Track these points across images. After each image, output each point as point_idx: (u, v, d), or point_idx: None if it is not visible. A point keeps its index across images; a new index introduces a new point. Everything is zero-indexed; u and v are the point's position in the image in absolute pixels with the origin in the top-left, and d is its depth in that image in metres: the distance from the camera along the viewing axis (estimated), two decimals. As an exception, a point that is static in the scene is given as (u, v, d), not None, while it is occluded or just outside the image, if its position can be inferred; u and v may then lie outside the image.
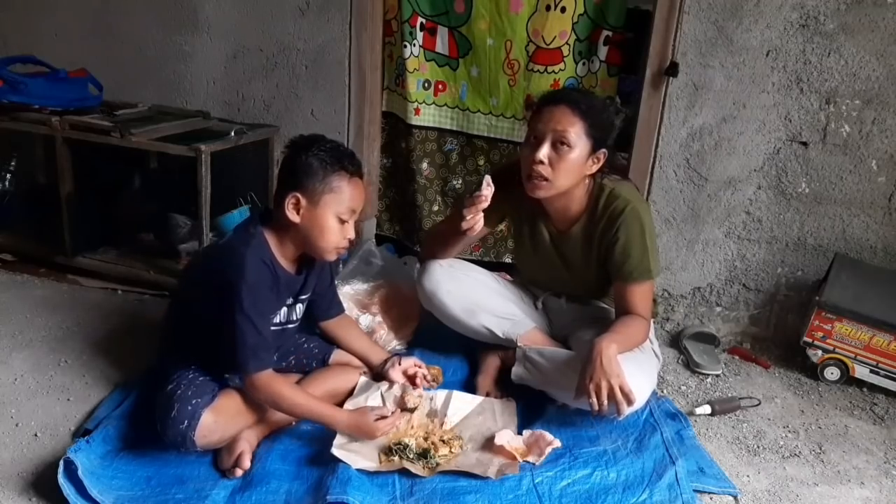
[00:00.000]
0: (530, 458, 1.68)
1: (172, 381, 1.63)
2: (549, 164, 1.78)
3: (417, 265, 2.22)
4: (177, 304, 1.88)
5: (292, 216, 1.66)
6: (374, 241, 2.79)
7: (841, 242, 2.37)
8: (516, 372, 1.93)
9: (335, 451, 1.60)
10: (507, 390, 1.98)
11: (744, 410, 2.03)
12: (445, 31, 2.61)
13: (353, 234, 1.73)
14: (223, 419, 1.61)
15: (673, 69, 2.29)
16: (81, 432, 1.73)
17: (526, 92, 2.58)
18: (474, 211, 1.78)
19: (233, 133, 2.51)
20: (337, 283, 2.20)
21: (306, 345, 1.95)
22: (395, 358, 1.94)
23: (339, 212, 1.68)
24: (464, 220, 1.79)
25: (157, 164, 2.89)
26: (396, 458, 1.64)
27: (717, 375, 2.23)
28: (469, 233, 1.84)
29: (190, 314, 1.74)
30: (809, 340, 2.23)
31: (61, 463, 1.51)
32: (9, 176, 2.91)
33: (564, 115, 1.77)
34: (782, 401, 2.12)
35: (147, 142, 2.42)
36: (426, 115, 2.72)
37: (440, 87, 2.69)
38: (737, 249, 2.46)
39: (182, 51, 2.82)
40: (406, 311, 2.26)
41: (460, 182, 2.79)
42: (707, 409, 1.99)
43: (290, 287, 1.77)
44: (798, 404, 2.12)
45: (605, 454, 1.74)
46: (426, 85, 2.68)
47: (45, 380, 1.96)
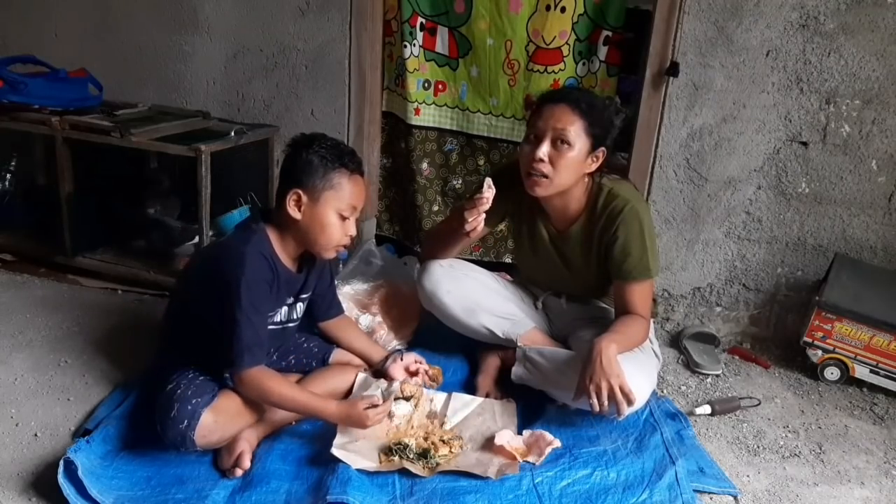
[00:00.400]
0: (530, 458, 1.68)
1: (172, 380, 1.63)
2: (549, 161, 1.78)
3: (417, 265, 2.22)
4: (176, 303, 1.88)
5: (293, 213, 1.67)
6: (374, 241, 2.79)
7: (841, 242, 2.37)
8: (516, 372, 1.94)
9: (335, 451, 1.59)
10: (507, 390, 1.99)
11: (744, 410, 2.03)
12: (445, 31, 2.61)
13: (354, 232, 1.73)
14: (223, 419, 1.60)
15: (673, 69, 2.29)
16: (81, 432, 1.73)
17: (525, 92, 2.58)
18: (475, 213, 1.79)
19: (233, 133, 2.51)
20: (337, 283, 2.20)
21: (306, 344, 1.95)
22: (395, 354, 1.95)
23: (340, 209, 1.68)
24: (465, 222, 1.80)
25: (157, 164, 2.90)
26: (396, 458, 1.63)
27: (717, 375, 2.23)
28: (470, 234, 1.85)
29: (189, 314, 1.75)
30: (809, 340, 2.23)
31: (61, 463, 1.51)
32: (9, 176, 2.91)
33: (564, 113, 1.77)
34: (782, 401, 2.12)
35: (147, 142, 2.42)
36: (426, 115, 2.72)
37: (440, 87, 2.69)
38: (737, 249, 2.46)
39: (182, 51, 2.82)
40: (406, 311, 2.26)
41: (460, 182, 2.79)
42: (707, 409, 1.99)
43: (290, 285, 1.77)
44: (798, 404, 2.12)
45: (605, 454, 1.74)
46: (426, 85, 2.68)
47: (45, 380, 1.96)
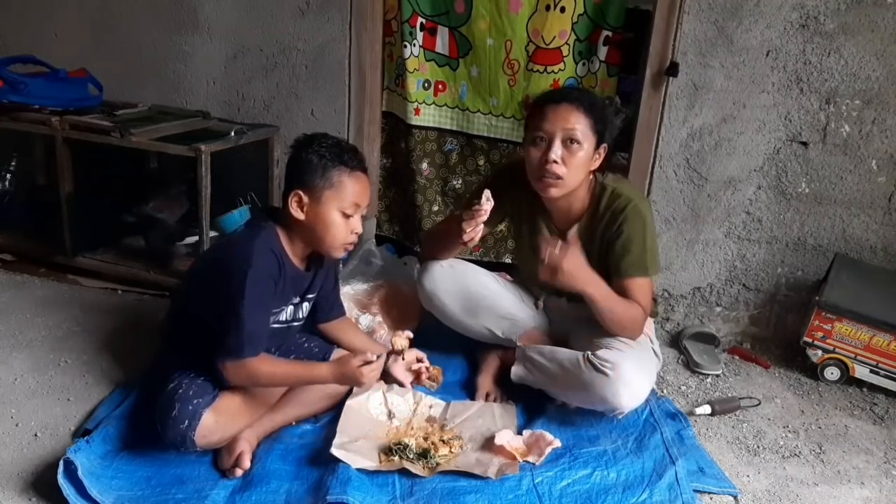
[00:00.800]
0: (530, 458, 1.68)
1: (173, 380, 1.63)
2: (562, 162, 1.79)
3: (417, 265, 2.22)
4: (178, 303, 1.88)
5: (297, 213, 1.67)
6: (374, 241, 2.79)
7: (841, 242, 2.37)
8: (516, 371, 1.94)
9: (335, 451, 1.59)
10: (507, 390, 1.99)
11: (744, 410, 2.03)
12: (446, 31, 2.61)
13: (360, 229, 1.73)
14: (224, 419, 1.61)
15: (673, 69, 2.29)
16: (81, 432, 1.73)
17: (525, 92, 2.58)
18: (473, 224, 1.79)
19: (233, 133, 2.51)
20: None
21: (307, 344, 1.95)
22: (395, 354, 1.94)
23: (343, 207, 1.68)
24: (463, 232, 1.80)
25: (157, 164, 2.90)
26: (396, 458, 1.64)
27: (717, 375, 2.23)
28: (470, 244, 1.85)
29: (191, 314, 1.74)
30: (809, 340, 2.23)
31: (61, 463, 1.51)
32: (9, 176, 2.91)
33: (571, 112, 1.78)
34: (782, 401, 2.12)
35: (147, 142, 2.42)
36: (426, 116, 2.72)
37: (440, 87, 2.69)
38: (737, 249, 2.46)
39: (182, 51, 2.82)
40: (406, 311, 2.26)
41: (460, 182, 2.79)
42: (707, 409, 1.99)
43: (296, 284, 1.77)
44: (798, 404, 2.12)
45: (605, 454, 1.74)
46: (426, 85, 2.68)
47: (45, 380, 1.96)
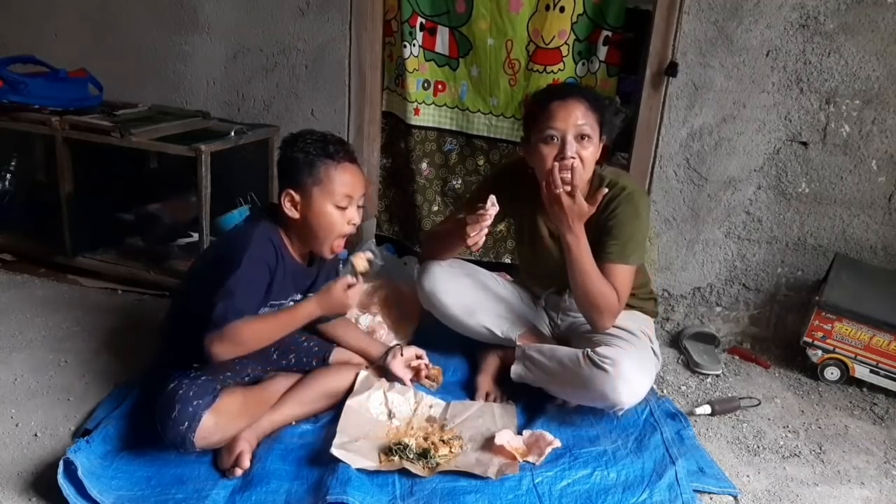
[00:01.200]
0: (530, 458, 1.68)
1: (173, 381, 1.63)
2: (578, 157, 1.79)
3: (417, 265, 2.22)
4: (178, 303, 1.88)
5: (291, 213, 1.68)
6: (374, 240, 2.79)
7: (841, 242, 2.37)
8: (516, 370, 1.94)
9: (335, 451, 1.59)
10: (507, 389, 1.99)
11: (744, 410, 2.03)
12: (446, 30, 2.61)
13: (357, 220, 1.72)
14: (224, 420, 1.60)
15: (673, 69, 2.29)
16: (81, 432, 1.73)
17: (525, 91, 2.58)
18: (477, 228, 1.79)
19: (233, 133, 2.51)
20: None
21: (306, 343, 1.95)
22: (395, 349, 1.95)
23: (334, 201, 1.67)
24: (467, 236, 1.79)
25: (157, 164, 2.90)
26: (396, 458, 1.63)
27: (717, 375, 2.23)
28: (474, 248, 1.84)
29: (191, 314, 1.74)
30: (809, 340, 2.23)
31: (61, 463, 1.51)
32: (9, 176, 2.91)
33: (579, 108, 1.78)
34: (782, 401, 2.12)
35: (147, 142, 2.42)
36: (426, 116, 2.72)
37: (440, 87, 2.69)
38: (737, 249, 2.46)
39: (182, 51, 2.82)
40: (406, 311, 2.26)
41: (460, 182, 2.79)
42: (707, 409, 1.99)
43: (297, 279, 1.77)
44: (798, 404, 2.12)
45: (605, 454, 1.74)
46: (426, 85, 2.68)
47: (45, 380, 1.96)
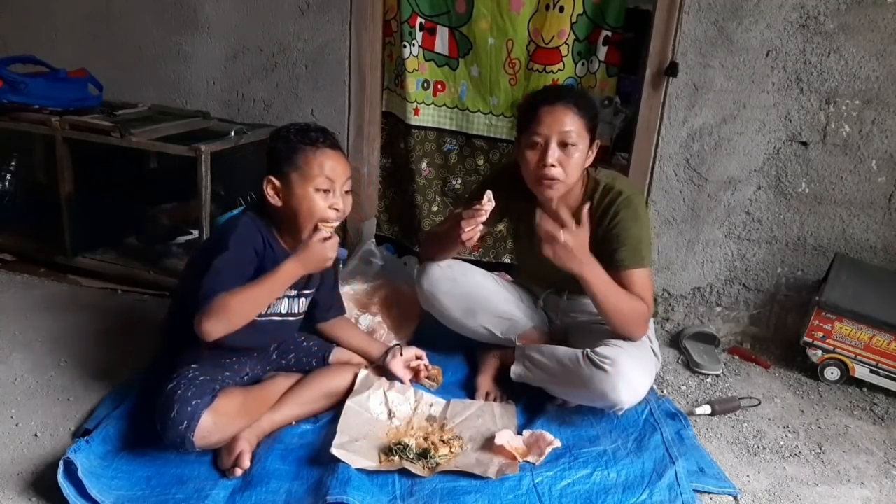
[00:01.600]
0: (530, 458, 1.68)
1: (172, 380, 1.63)
2: (560, 164, 1.79)
3: (417, 265, 2.22)
4: (177, 302, 1.88)
5: (274, 200, 1.69)
6: (374, 240, 2.79)
7: (841, 242, 2.37)
8: (516, 370, 1.94)
9: (335, 451, 1.59)
10: (507, 390, 1.99)
11: (744, 410, 2.03)
12: (445, 30, 2.61)
13: (342, 206, 1.71)
14: (223, 420, 1.60)
15: (673, 69, 2.29)
16: (81, 432, 1.73)
17: (526, 91, 2.58)
18: (473, 223, 1.80)
19: (233, 133, 2.51)
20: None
21: (306, 343, 1.95)
22: (395, 348, 1.95)
23: (315, 184, 1.67)
24: (461, 231, 1.80)
25: (157, 164, 2.90)
26: (396, 458, 1.63)
27: (717, 375, 2.23)
28: (468, 243, 1.85)
29: (190, 312, 1.74)
30: (809, 340, 2.23)
31: (61, 463, 1.51)
32: (9, 176, 2.91)
33: (566, 115, 1.79)
34: (782, 401, 2.12)
35: (147, 142, 2.42)
36: (425, 116, 2.72)
37: (439, 87, 2.69)
38: (737, 249, 2.46)
39: (182, 51, 2.82)
40: (406, 311, 2.26)
41: (459, 182, 2.79)
42: (707, 409, 1.99)
43: None
44: (798, 404, 2.12)
45: (605, 454, 1.74)
46: (425, 85, 2.68)
47: (45, 380, 1.96)
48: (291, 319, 1.85)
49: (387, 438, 1.72)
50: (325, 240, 1.66)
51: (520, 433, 1.78)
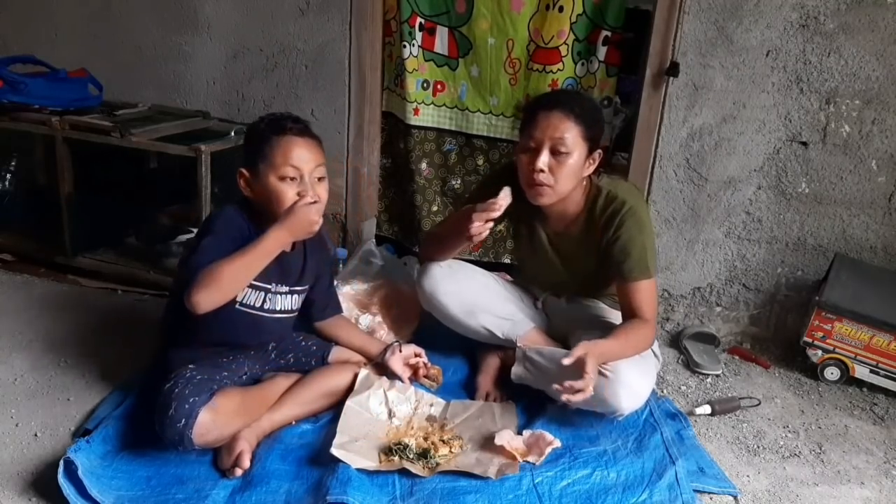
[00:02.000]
0: (530, 458, 1.68)
1: (171, 379, 1.63)
2: (550, 171, 1.78)
3: (417, 265, 2.22)
4: (173, 301, 1.88)
5: (246, 192, 1.71)
6: (374, 240, 2.79)
7: (841, 242, 2.37)
8: (516, 372, 1.94)
9: (335, 451, 1.59)
10: (507, 390, 1.99)
11: (744, 410, 2.03)
12: (445, 30, 2.61)
13: (310, 192, 1.67)
14: (221, 418, 1.60)
15: (674, 69, 2.29)
16: (81, 432, 1.73)
17: (526, 91, 2.58)
18: (485, 218, 1.78)
19: (233, 133, 2.51)
20: (337, 283, 2.21)
21: (305, 343, 1.95)
22: (395, 345, 1.95)
23: (281, 172, 1.65)
24: (471, 224, 1.78)
25: (157, 164, 2.90)
26: (396, 458, 1.63)
27: (717, 375, 2.23)
28: (475, 239, 1.83)
29: (185, 311, 1.74)
30: (809, 340, 2.23)
31: (61, 463, 1.51)
32: (9, 176, 2.91)
33: (560, 121, 1.77)
34: (782, 401, 2.12)
35: (147, 142, 2.42)
36: (425, 116, 2.72)
37: (439, 87, 2.69)
38: (737, 249, 2.46)
39: (182, 51, 2.82)
40: (406, 311, 2.26)
41: (459, 182, 2.79)
42: (707, 409, 1.99)
43: (282, 263, 1.74)
44: (798, 404, 2.12)
45: (605, 454, 1.74)
46: (425, 85, 2.68)
47: (45, 380, 1.96)
48: (285, 317, 1.85)
49: (387, 438, 1.72)
50: (310, 204, 1.62)
51: (520, 433, 1.77)
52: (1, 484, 1.55)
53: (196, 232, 1.75)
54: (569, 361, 1.64)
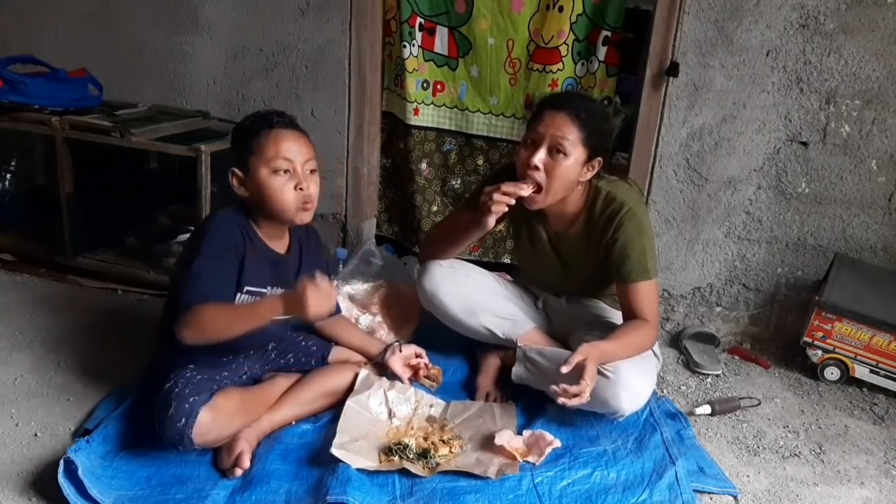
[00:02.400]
0: (530, 458, 1.68)
1: (170, 379, 1.63)
2: (544, 169, 1.78)
3: (417, 265, 2.22)
4: (171, 301, 1.87)
5: (239, 191, 1.69)
6: (374, 240, 2.79)
7: (841, 242, 2.37)
8: (516, 372, 1.94)
9: (335, 451, 1.59)
10: (508, 390, 1.99)
11: (744, 410, 2.03)
12: (445, 30, 2.61)
13: (306, 185, 1.67)
14: (221, 418, 1.60)
15: (674, 69, 2.29)
16: (81, 432, 1.73)
17: (526, 91, 2.58)
18: (505, 199, 1.78)
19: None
20: (337, 283, 2.21)
21: (305, 343, 1.95)
22: (395, 346, 1.95)
23: (272, 167, 1.65)
24: (490, 197, 1.77)
25: (157, 164, 2.90)
26: (396, 458, 1.63)
27: (717, 375, 2.23)
28: (489, 218, 1.81)
29: (178, 309, 1.74)
30: (809, 340, 2.23)
31: (61, 463, 1.51)
32: (9, 176, 2.91)
33: (564, 122, 1.77)
34: (782, 401, 2.13)
35: (147, 142, 2.42)
36: (425, 116, 2.72)
37: (439, 87, 2.69)
38: (737, 249, 2.46)
39: (182, 51, 2.82)
40: (406, 311, 2.26)
41: (459, 182, 2.79)
42: (707, 409, 1.99)
43: (277, 267, 1.75)
44: (798, 404, 2.12)
45: (605, 454, 1.74)
46: (425, 85, 2.68)
47: (45, 380, 1.96)
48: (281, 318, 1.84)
49: (387, 438, 1.72)
50: (316, 292, 1.55)
51: (520, 433, 1.77)
52: (1, 484, 1.55)
53: (190, 234, 1.72)
54: (567, 370, 1.64)
